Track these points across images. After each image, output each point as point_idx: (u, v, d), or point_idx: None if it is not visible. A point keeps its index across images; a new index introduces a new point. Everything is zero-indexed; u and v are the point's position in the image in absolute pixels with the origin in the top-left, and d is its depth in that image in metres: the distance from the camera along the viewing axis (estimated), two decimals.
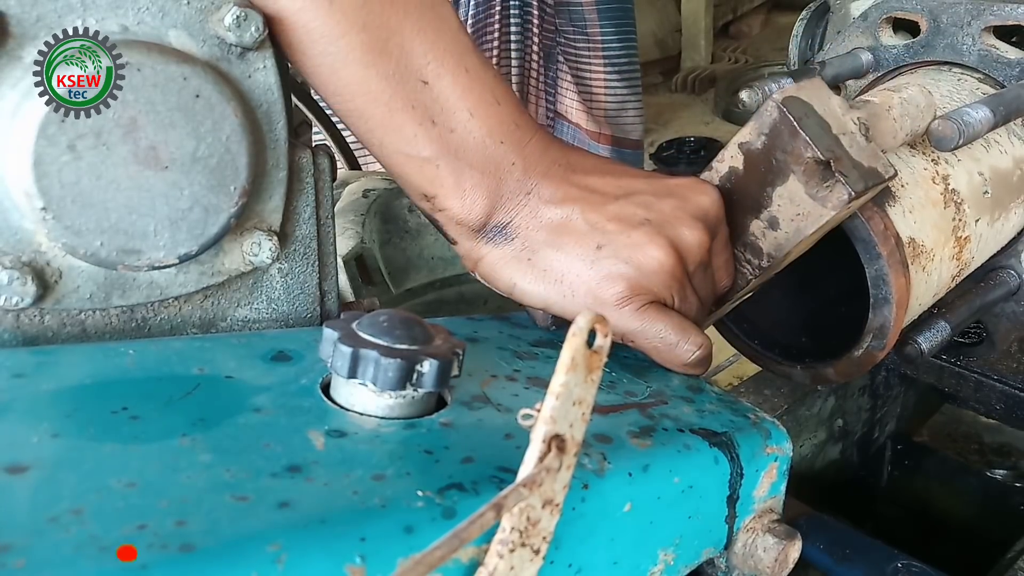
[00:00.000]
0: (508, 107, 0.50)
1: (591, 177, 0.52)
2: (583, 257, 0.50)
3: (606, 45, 1.72)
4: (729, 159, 0.54)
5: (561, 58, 1.76)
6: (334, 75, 0.46)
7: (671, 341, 0.50)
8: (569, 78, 1.76)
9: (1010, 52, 0.69)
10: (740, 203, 0.54)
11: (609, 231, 0.50)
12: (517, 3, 1.69)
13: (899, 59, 0.74)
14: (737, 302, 0.59)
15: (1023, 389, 0.79)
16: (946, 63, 0.72)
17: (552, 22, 1.73)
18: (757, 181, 0.53)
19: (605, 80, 1.75)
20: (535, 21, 1.72)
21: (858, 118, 0.52)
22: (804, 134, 0.49)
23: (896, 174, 0.52)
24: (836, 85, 0.75)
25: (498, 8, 1.67)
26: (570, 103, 1.77)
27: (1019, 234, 0.72)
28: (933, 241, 0.58)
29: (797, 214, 0.52)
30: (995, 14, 0.69)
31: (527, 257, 0.51)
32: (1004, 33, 0.71)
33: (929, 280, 0.59)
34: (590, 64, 1.74)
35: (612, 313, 0.50)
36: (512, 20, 1.70)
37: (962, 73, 0.71)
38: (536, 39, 1.73)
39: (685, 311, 0.52)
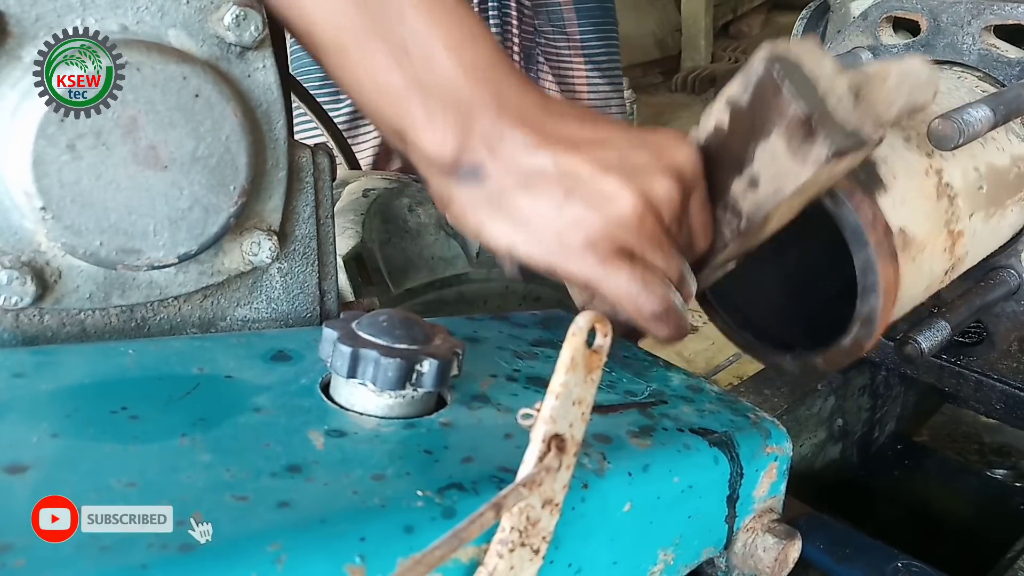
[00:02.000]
0: (485, 45, 0.50)
1: (567, 123, 0.51)
2: (551, 202, 0.49)
3: (585, 43, 1.72)
4: (716, 114, 0.53)
5: (542, 58, 1.76)
6: (311, 4, 0.46)
7: (632, 293, 0.49)
8: (551, 78, 1.76)
9: (1010, 51, 0.69)
10: (724, 161, 0.52)
11: (580, 178, 0.49)
12: (495, 4, 1.69)
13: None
14: (718, 272, 0.58)
15: (1023, 389, 0.79)
16: (946, 62, 0.72)
17: (531, 23, 1.73)
18: (741, 138, 0.51)
19: (587, 78, 1.75)
20: (514, 23, 1.72)
21: (849, 81, 0.51)
22: (788, 90, 0.48)
23: (882, 140, 0.51)
24: None
25: (476, 11, 1.67)
26: None
27: (1018, 233, 0.72)
28: (925, 233, 0.58)
29: (777, 173, 0.50)
30: (995, 13, 0.69)
31: (496, 200, 0.50)
32: (1004, 33, 0.71)
33: (920, 272, 0.59)
34: (571, 63, 1.74)
35: (575, 260, 0.49)
36: (491, 22, 1.70)
37: (962, 72, 0.71)
38: (516, 40, 1.73)
39: (654, 266, 0.51)
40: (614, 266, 0.49)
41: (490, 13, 1.70)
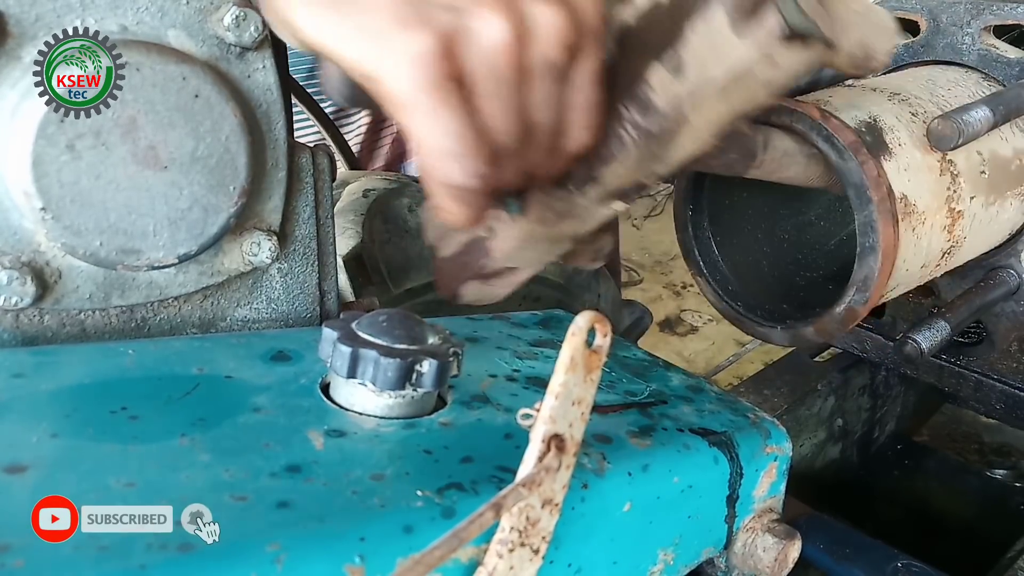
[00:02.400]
0: None
1: None
2: None
3: None
4: None
5: None
6: None
7: (442, 145, 0.38)
8: None
9: (1010, 52, 0.69)
10: (646, 44, 0.43)
11: None
12: None
13: (899, 59, 0.74)
14: (602, 202, 0.47)
15: (1023, 389, 0.79)
16: (946, 62, 0.72)
17: None
18: (677, 14, 0.42)
19: None
20: None
21: None
22: None
23: (836, 50, 0.42)
24: (838, 84, 0.75)
25: None
26: None
27: (1018, 233, 0.72)
28: (926, 205, 0.58)
29: (710, 53, 0.41)
30: (995, 14, 0.69)
31: None
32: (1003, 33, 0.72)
33: (919, 244, 0.59)
34: None
35: (397, 73, 0.37)
36: None
37: (962, 72, 0.71)
38: None
39: (495, 126, 0.39)
40: (437, 100, 0.38)
41: None
